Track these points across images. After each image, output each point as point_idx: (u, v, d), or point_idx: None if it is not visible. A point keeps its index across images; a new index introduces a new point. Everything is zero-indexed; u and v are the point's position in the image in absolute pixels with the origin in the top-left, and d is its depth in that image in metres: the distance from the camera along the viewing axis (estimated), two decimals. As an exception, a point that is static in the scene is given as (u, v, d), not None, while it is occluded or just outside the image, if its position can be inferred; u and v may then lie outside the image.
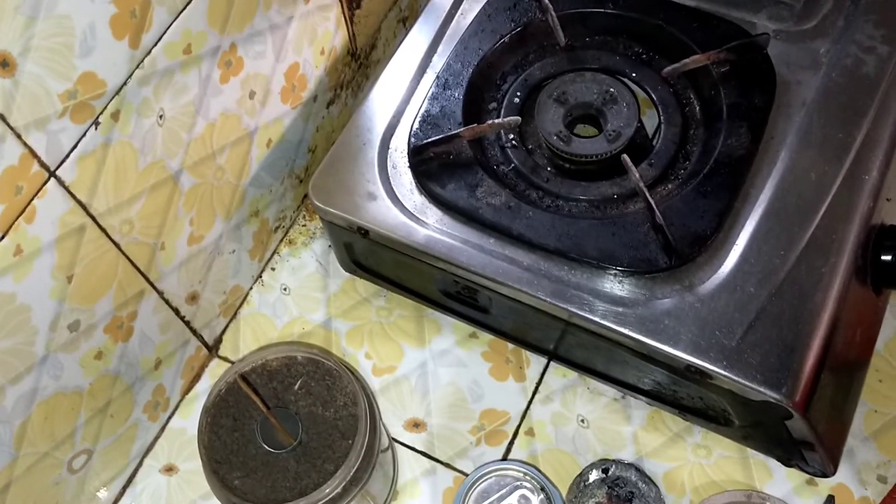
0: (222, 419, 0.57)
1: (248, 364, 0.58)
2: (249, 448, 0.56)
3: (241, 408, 0.57)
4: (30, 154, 0.46)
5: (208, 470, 0.55)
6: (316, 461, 0.55)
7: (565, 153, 0.63)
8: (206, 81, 0.58)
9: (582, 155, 0.63)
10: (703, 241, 0.58)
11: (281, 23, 0.64)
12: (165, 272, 0.62)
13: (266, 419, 0.56)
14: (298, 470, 0.55)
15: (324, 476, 0.54)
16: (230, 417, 0.57)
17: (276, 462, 0.55)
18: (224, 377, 0.58)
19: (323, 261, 0.77)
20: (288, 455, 0.55)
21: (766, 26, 0.67)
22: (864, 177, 0.60)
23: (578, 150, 0.63)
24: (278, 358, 0.58)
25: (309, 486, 0.54)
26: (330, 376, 0.58)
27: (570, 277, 0.59)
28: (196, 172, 0.61)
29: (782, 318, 0.56)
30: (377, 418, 0.57)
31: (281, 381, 0.58)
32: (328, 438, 0.55)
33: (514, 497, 0.62)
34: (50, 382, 0.55)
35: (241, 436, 0.56)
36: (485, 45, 0.68)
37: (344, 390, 0.57)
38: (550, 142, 0.64)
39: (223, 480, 0.55)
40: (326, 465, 0.55)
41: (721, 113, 0.64)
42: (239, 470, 0.55)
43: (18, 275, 0.48)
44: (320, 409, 0.56)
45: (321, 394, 0.57)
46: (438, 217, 0.62)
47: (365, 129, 0.67)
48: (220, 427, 0.57)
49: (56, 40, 0.45)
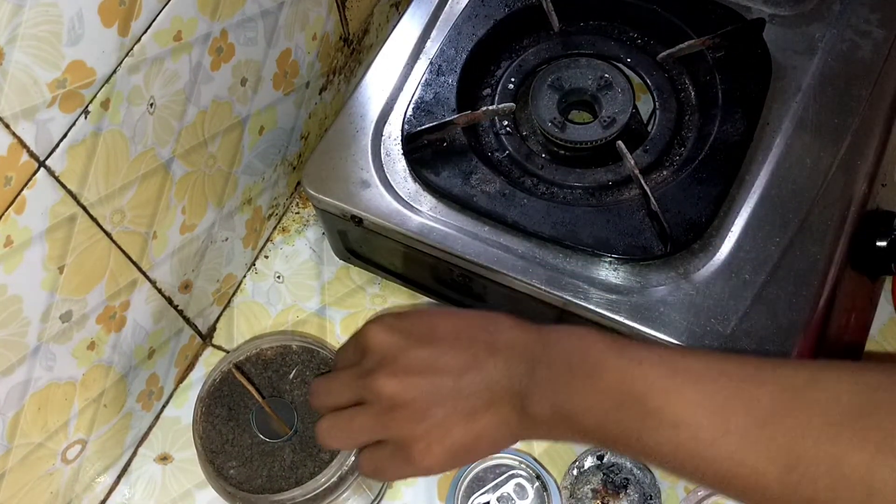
0: (217, 409, 0.57)
1: (242, 353, 0.58)
2: (245, 437, 0.56)
3: (235, 397, 0.57)
4: (18, 144, 0.45)
5: (204, 460, 0.55)
6: (311, 450, 0.55)
7: (560, 140, 0.63)
8: (196, 69, 0.57)
9: (576, 141, 0.63)
10: (698, 228, 0.58)
11: (272, 8, 0.63)
12: (158, 261, 0.62)
13: (261, 408, 0.56)
14: (294, 459, 0.55)
15: (320, 465, 0.54)
16: (225, 407, 0.57)
17: (271, 451, 0.55)
18: (218, 367, 0.58)
19: (317, 248, 0.77)
20: (283, 444, 0.55)
21: (761, 11, 0.67)
22: (859, 162, 0.60)
23: (573, 137, 0.63)
24: (273, 347, 0.58)
25: (305, 475, 0.54)
26: (325, 365, 0.58)
27: (564, 265, 0.59)
28: (188, 161, 0.60)
29: (777, 304, 0.56)
30: None
31: (276, 371, 0.58)
32: None
33: (509, 485, 0.62)
34: (43, 373, 0.54)
35: (237, 425, 0.56)
36: (479, 31, 0.68)
37: None
38: (545, 128, 0.63)
39: (219, 470, 0.55)
40: (322, 454, 0.55)
41: (716, 98, 0.63)
42: (235, 459, 0.55)
43: (9, 266, 0.48)
44: None
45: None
46: (432, 205, 0.62)
47: (358, 116, 0.66)
48: (214, 417, 0.56)
49: (43, 28, 0.44)
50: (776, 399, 0.38)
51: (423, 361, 0.45)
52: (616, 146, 0.61)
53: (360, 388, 0.46)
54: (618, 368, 0.41)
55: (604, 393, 0.41)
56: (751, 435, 0.38)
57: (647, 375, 0.41)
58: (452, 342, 0.46)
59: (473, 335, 0.46)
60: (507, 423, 0.44)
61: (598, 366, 0.42)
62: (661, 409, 0.40)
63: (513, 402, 0.44)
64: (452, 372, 0.44)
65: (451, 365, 0.45)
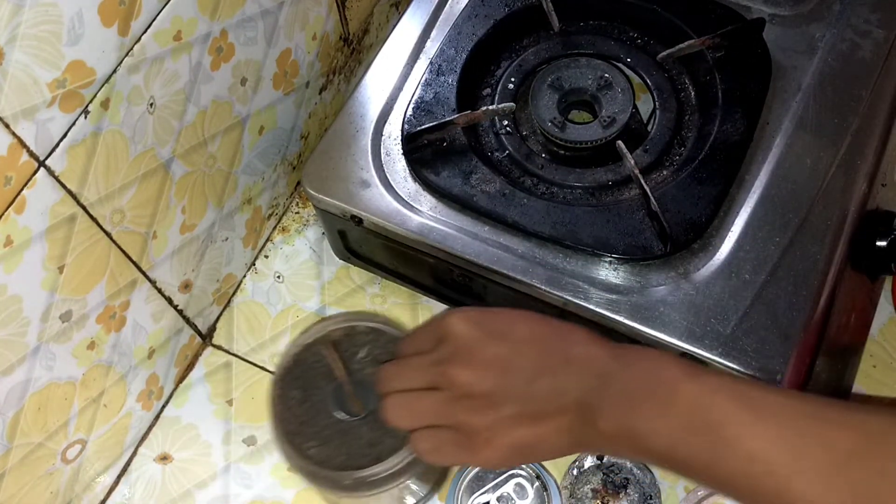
0: (291, 391, 0.57)
1: (310, 336, 0.58)
2: (320, 418, 0.56)
3: (308, 379, 0.57)
4: (18, 144, 0.45)
5: (284, 442, 0.55)
6: (389, 427, 0.55)
7: (560, 139, 0.63)
8: (196, 68, 0.57)
9: (576, 141, 0.63)
10: (698, 228, 0.58)
11: (272, 8, 0.63)
12: (158, 261, 0.62)
13: (339, 387, 0.56)
14: (372, 437, 0.55)
15: (399, 441, 0.54)
16: (299, 389, 0.57)
17: (348, 430, 0.55)
18: (290, 349, 0.58)
19: (316, 248, 0.77)
20: (360, 423, 0.55)
21: (761, 11, 0.67)
22: (859, 162, 0.60)
23: (573, 137, 0.63)
24: (340, 328, 0.58)
25: (384, 451, 0.54)
26: (392, 344, 0.58)
27: (564, 265, 0.59)
28: (187, 160, 0.60)
29: (777, 304, 0.56)
30: None
31: (345, 351, 0.58)
32: None
33: (509, 485, 0.62)
34: (43, 373, 0.54)
35: (311, 406, 0.56)
36: (479, 30, 0.68)
37: None
38: (545, 128, 0.63)
39: (299, 450, 0.55)
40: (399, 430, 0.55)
41: (716, 98, 0.63)
42: (313, 440, 0.55)
43: (9, 266, 0.48)
44: None
45: (387, 360, 0.57)
46: (432, 204, 0.62)
47: (358, 116, 0.66)
48: (289, 399, 0.56)
49: (43, 28, 0.44)
50: (854, 443, 0.38)
51: (499, 358, 0.47)
52: (616, 146, 0.61)
53: (434, 374, 0.48)
54: (693, 394, 0.42)
55: (676, 417, 0.41)
56: (827, 476, 0.38)
57: (724, 405, 0.41)
58: (529, 345, 0.47)
59: (550, 342, 0.47)
60: (570, 431, 0.45)
61: (672, 390, 0.42)
62: (736, 439, 0.40)
63: (580, 413, 0.44)
64: (526, 373, 0.46)
65: (526, 366, 0.46)
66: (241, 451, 0.69)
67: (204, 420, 0.70)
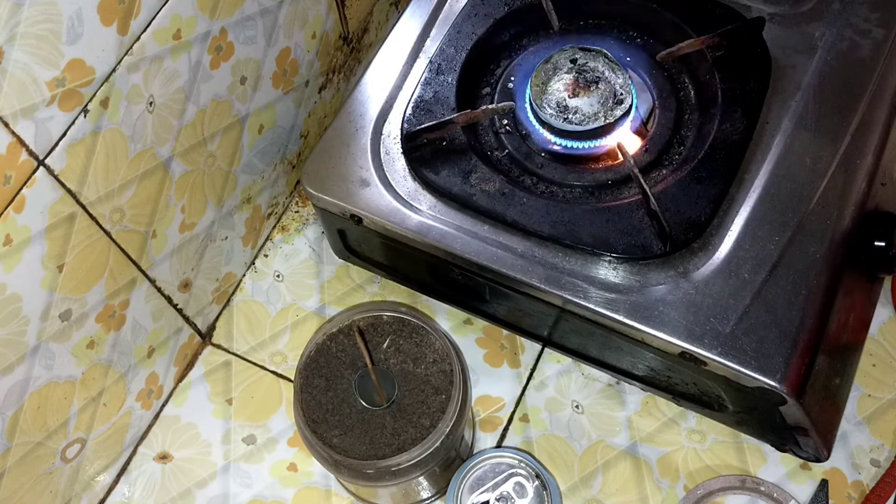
0: (315, 380, 0.57)
1: (335, 325, 0.58)
2: (344, 407, 0.56)
3: (332, 368, 0.57)
4: (18, 143, 0.45)
5: (307, 430, 0.55)
6: (412, 417, 0.55)
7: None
8: (196, 67, 0.57)
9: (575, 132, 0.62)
10: (697, 228, 0.58)
11: (272, 7, 0.63)
12: (157, 260, 0.62)
13: (363, 376, 0.56)
14: (395, 426, 0.55)
15: (421, 431, 0.54)
16: (323, 378, 0.57)
17: (372, 419, 0.56)
18: (314, 339, 0.58)
19: (316, 247, 0.77)
20: (384, 412, 0.55)
21: (761, 10, 0.66)
22: (859, 162, 0.60)
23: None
24: (365, 318, 0.59)
25: (407, 441, 0.54)
26: (417, 333, 0.58)
27: (564, 264, 0.59)
28: (187, 159, 0.60)
29: (776, 303, 0.56)
30: (467, 373, 0.58)
31: (369, 340, 0.58)
32: (421, 394, 0.56)
33: (508, 484, 0.62)
34: (42, 372, 0.54)
35: (335, 395, 0.56)
36: (478, 29, 0.68)
37: (433, 346, 0.57)
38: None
39: (323, 439, 0.55)
40: (422, 419, 0.55)
41: (716, 97, 0.63)
42: (336, 428, 0.55)
43: (8, 265, 0.48)
44: (411, 365, 0.57)
45: (411, 350, 0.57)
46: (432, 204, 0.62)
47: (357, 115, 0.66)
48: (313, 388, 0.57)
49: (43, 27, 0.44)
50: None
51: None
52: (616, 145, 0.61)
53: None
54: None
55: None
56: None
57: None
58: None
59: None
60: None
61: None
62: None
63: None
64: None
65: None
66: (240, 449, 0.69)
67: (203, 419, 0.70)
